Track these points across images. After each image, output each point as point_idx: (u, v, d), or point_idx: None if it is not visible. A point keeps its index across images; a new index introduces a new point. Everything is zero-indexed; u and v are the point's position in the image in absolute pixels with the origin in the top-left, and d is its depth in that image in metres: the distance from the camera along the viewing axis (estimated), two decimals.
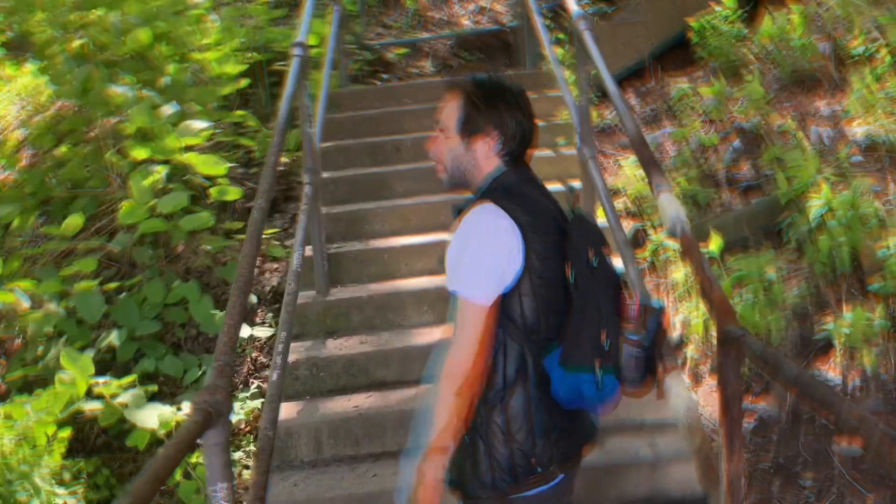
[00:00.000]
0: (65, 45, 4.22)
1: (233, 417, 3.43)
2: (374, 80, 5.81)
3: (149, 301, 3.76)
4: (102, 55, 4.22)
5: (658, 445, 2.69)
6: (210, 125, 4.14)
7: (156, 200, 3.82)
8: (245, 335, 3.78)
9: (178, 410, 3.21)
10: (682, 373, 3.12)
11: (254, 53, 5.10)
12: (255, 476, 2.04)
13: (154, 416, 3.13)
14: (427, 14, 6.61)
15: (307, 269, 3.37)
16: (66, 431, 3.12)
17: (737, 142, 4.05)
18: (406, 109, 4.76)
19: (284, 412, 2.90)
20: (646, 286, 3.34)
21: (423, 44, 6.27)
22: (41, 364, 3.46)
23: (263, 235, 4.29)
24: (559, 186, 3.95)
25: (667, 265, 3.58)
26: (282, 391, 2.51)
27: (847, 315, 2.95)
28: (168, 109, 4.04)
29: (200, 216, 3.93)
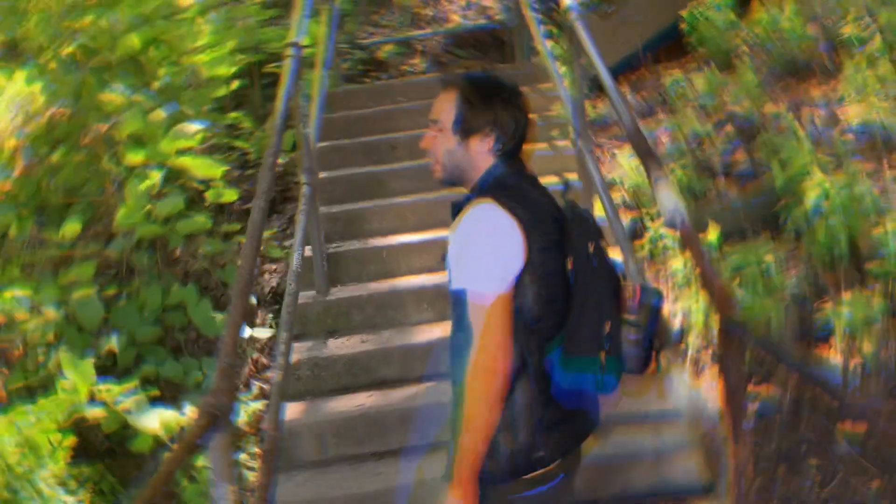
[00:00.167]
0: (58, 51, 4.20)
1: (235, 419, 3.43)
2: (367, 79, 5.80)
3: (148, 305, 3.75)
4: (95, 60, 4.20)
5: (662, 437, 2.70)
6: (204, 127, 4.13)
7: (152, 205, 3.81)
8: (245, 336, 3.78)
9: (181, 414, 3.21)
10: (684, 364, 3.12)
11: (246, 55, 5.08)
12: (262, 478, 2.04)
13: (157, 420, 3.14)
14: (418, 12, 6.60)
15: (307, 270, 3.37)
16: (70, 437, 3.12)
17: (731, 131, 4.05)
18: (400, 108, 4.76)
19: (287, 413, 2.91)
20: (646, 277, 3.35)
21: (416, 41, 6.26)
22: (42, 371, 3.45)
23: (263, 237, 4.30)
24: (556, 181, 3.97)
25: (665, 256, 3.58)
26: (285, 392, 2.51)
27: (846, 300, 2.95)
28: (162, 113, 4.03)
29: (197, 219, 3.93)
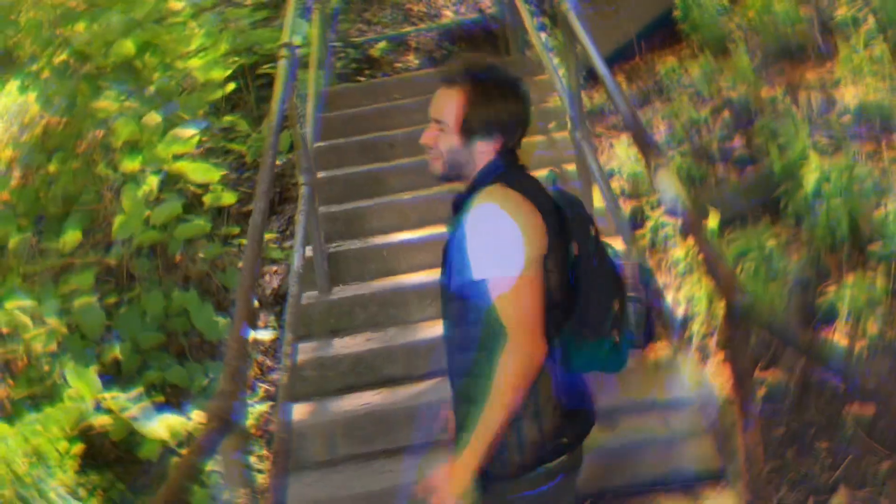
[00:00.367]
0: (51, 59, 4.18)
1: (243, 422, 3.43)
2: (362, 78, 5.78)
3: (150, 311, 3.74)
4: (89, 66, 4.18)
5: (672, 423, 2.70)
6: (199, 131, 4.11)
7: (150, 210, 3.80)
8: (248, 339, 3.77)
9: (187, 419, 3.20)
10: (689, 351, 3.12)
11: (240, 57, 5.07)
12: (272, 479, 2.04)
13: (164, 426, 3.13)
14: (411, 8, 6.58)
15: (308, 270, 3.36)
16: (77, 446, 3.11)
17: (728, 117, 4.04)
18: (396, 105, 4.75)
19: (295, 414, 2.90)
20: (648, 265, 3.34)
21: (409, 38, 6.24)
22: (47, 380, 3.45)
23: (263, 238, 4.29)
24: (545, 171, 3.96)
25: (667, 244, 3.58)
26: (291, 393, 2.51)
27: (849, 283, 2.95)
28: (157, 117, 4.01)
29: (195, 224, 3.91)
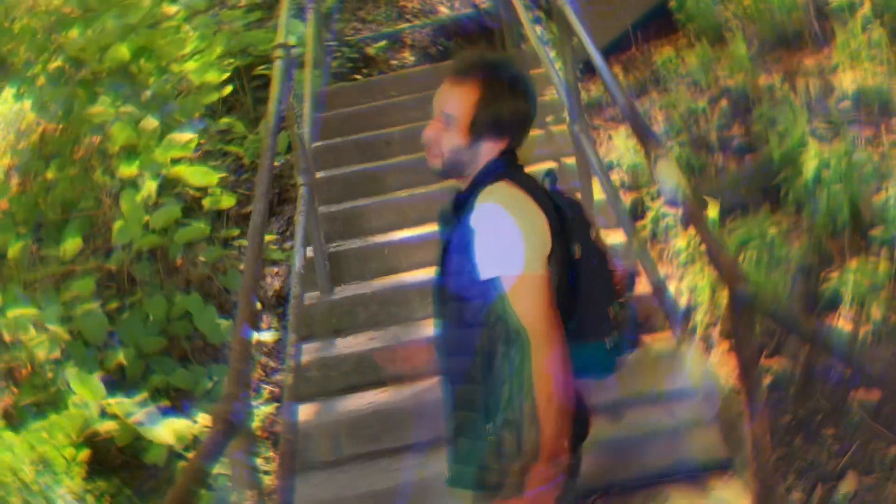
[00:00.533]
0: (46, 66, 4.17)
1: (249, 424, 3.42)
2: (358, 76, 5.77)
3: (152, 316, 3.74)
4: (84, 72, 4.18)
5: (677, 414, 2.69)
6: (196, 134, 4.11)
7: (149, 215, 3.79)
8: (252, 341, 3.77)
9: (194, 423, 3.20)
10: (693, 339, 3.12)
11: (235, 59, 5.06)
12: (278, 481, 2.04)
13: (169, 431, 3.13)
14: (405, 5, 6.56)
15: (309, 271, 3.35)
16: (83, 452, 3.11)
17: (726, 105, 4.03)
18: (393, 103, 4.74)
19: (300, 415, 2.90)
20: (650, 257, 3.33)
21: (404, 35, 6.23)
22: (52, 387, 3.44)
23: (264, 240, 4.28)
24: (552, 166, 3.95)
25: (668, 235, 3.57)
26: (296, 394, 2.51)
27: (852, 268, 2.94)
28: (154, 122, 4.00)
29: (195, 227, 3.91)
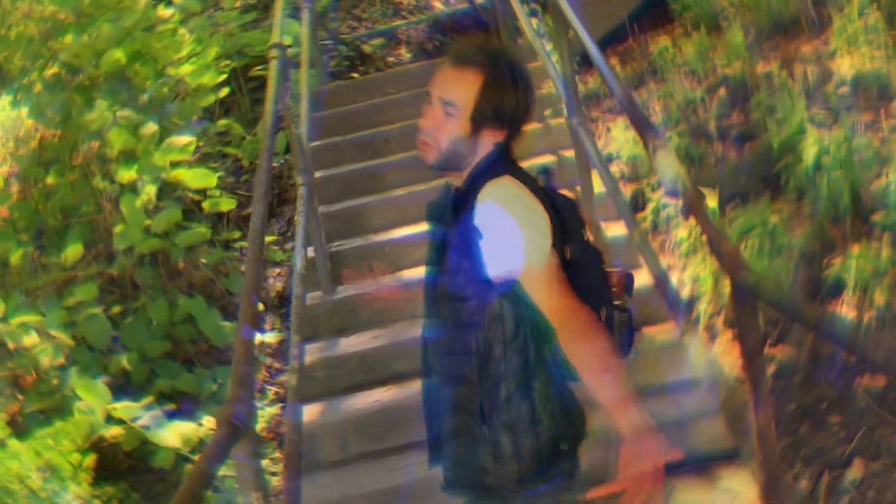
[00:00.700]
0: (42, 72, 4.17)
1: (254, 426, 3.43)
2: (355, 74, 5.76)
3: (156, 320, 3.74)
4: (80, 78, 4.17)
5: (683, 405, 2.68)
6: (194, 137, 4.11)
7: (149, 219, 3.80)
8: (256, 342, 3.77)
9: (200, 425, 3.20)
10: (697, 329, 3.11)
11: (231, 60, 5.05)
12: (285, 483, 2.04)
13: (176, 435, 3.13)
14: (400, 1, 6.55)
15: (311, 271, 3.35)
16: (90, 457, 3.12)
17: (724, 94, 4.02)
18: (390, 100, 4.73)
19: (306, 415, 2.90)
20: (651, 248, 3.33)
21: (399, 32, 6.22)
22: (57, 394, 3.45)
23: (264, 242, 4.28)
24: (551, 159, 3.94)
25: (669, 226, 3.56)
26: (301, 395, 2.51)
27: (854, 254, 2.94)
28: (153, 126, 4.00)
29: (196, 231, 3.91)
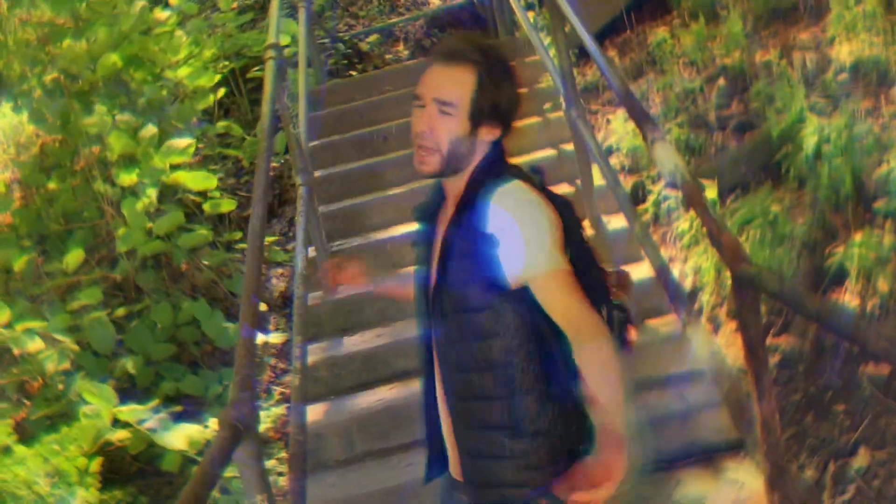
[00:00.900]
0: (41, 78, 4.17)
1: (260, 426, 3.44)
2: (353, 72, 5.76)
3: (160, 323, 3.75)
4: (77, 84, 4.18)
5: (687, 397, 2.69)
6: (193, 139, 4.11)
7: (151, 222, 3.80)
8: (260, 343, 3.78)
9: (206, 428, 3.21)
10: (700, 320, 3.11)
11: (229, 62, 5.05)
12: (292, 483, 2.04)
13: (182, 437, 3.14)
14: None
15: (313, 271, 3.35)
16: (97, 462, 3.12)
17: (724, 84, 4.00)
18: (388, 97, 4.72)
19: (311, 415, 2.90)
20: (652, 240, 3.32)
21: (396, 28, 6.21)
22: (64, 399, 3.46)
23: (265, 243, 4.29)
24: (551, 153, 3.94)
25: (671, 217, 3.55)
26: (305, 395, 2.51)
27: (857, 241, 2.92)
28: (153, 129, 4.00)
29: (198, 233, 3.92)
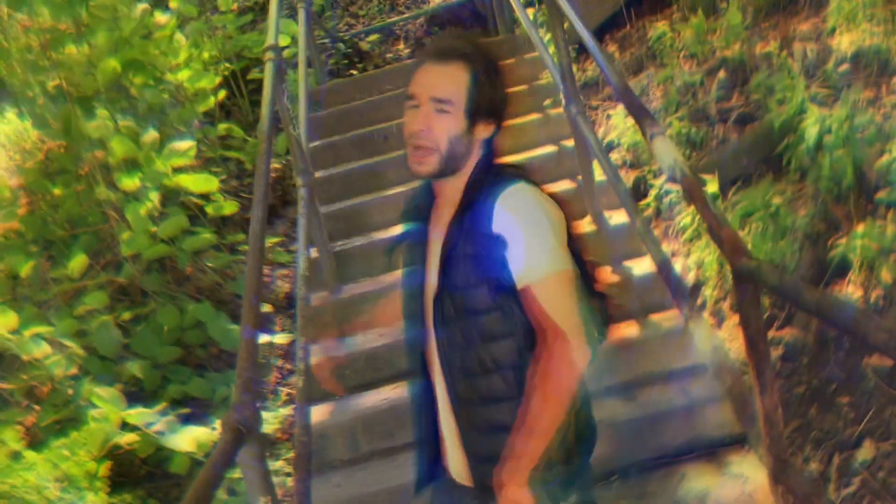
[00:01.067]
0: (42, 86, 4.19)
1: (267, 427, 3.45)
2: (354, 71, 5.76)
3: (165, 326, 3.77)
4: (79, 90, 4.19)
5: (690, 391, 2.69)
6: (194, 142, 4.12)
7: (155, 226, 3.82)
8: (266, 344, 3.80)
9: (213, 430, 3.23)
10: (704, 314, 3.10)
11: (228, 64, 5.06)
12: (296, 484, 2.06)
13: (190, 440, 3.15)
14: None
15: (315, 271, 3.36)
16: (106, 466, 3.14)
17: (724, 76, 3.99)
18: (388, 96, 4.73)
19: (316, 415, 2.92)
20: (654, 234, 3.32)
21: (396, 27, 6.21)
22: (72, 404, 3.48)
23: (267, 245, 4.30)
24: (552, 149, 3.94)
25: (673, 212, 3.55)
26: (310, 396, 2.52)
27: (860, 232, 2.91)
28: (154, 133, 4.02)
29: (201, 236, 3.93)
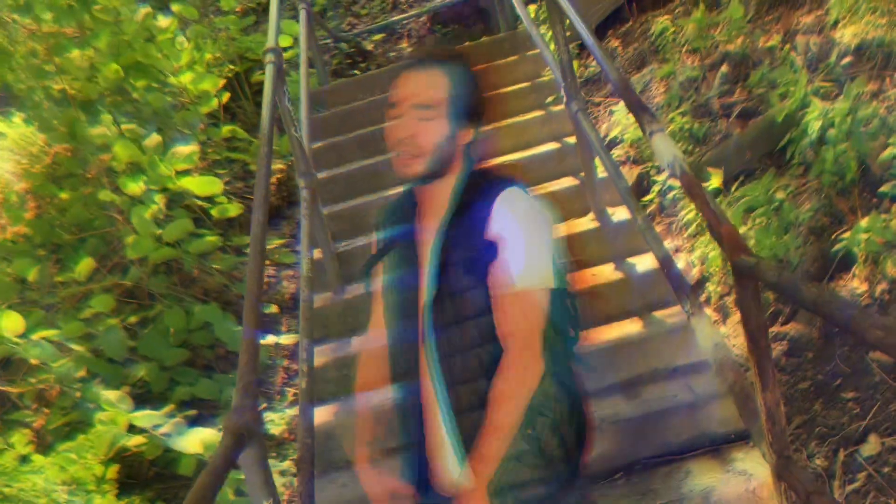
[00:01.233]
0: (47, 90, 4.22)
1: (273, 428, 3.47)
2: (355, 72, 5.77)
3: (172, 329, 3.79)
4: (83, 94, 4.22)
5: (694, 387, 2.68)
6: (198, 145, 4.14)
7: (161, 230, 3.84)
8: (272, 345, 3.81)
9: (220, 431, 3.24)
10: (707, 310, 3.10)
11: (231, 66, 5.08)
12: (300, 485, 2.07)
13: (198, 441, 3.17)
14: None
15: (319, 272, 3.37)
16: (114, 468, 3.17)
17: (727, 71, 3.97)
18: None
19: (321, 416, 2.93)
20: (655, 231, 3.31)
21: (399, 26, 6.21)
22: (80, 407, 3.51)
23: (271, 247, 4.32)
24: (553, 146, 3.94)
25: (676, 208, 3.54)
26: (313, 397, 2.53)
27: (864, 226, 2.90)
28: (158, 137, 4.05)
29: (206, 239, 3.95)
